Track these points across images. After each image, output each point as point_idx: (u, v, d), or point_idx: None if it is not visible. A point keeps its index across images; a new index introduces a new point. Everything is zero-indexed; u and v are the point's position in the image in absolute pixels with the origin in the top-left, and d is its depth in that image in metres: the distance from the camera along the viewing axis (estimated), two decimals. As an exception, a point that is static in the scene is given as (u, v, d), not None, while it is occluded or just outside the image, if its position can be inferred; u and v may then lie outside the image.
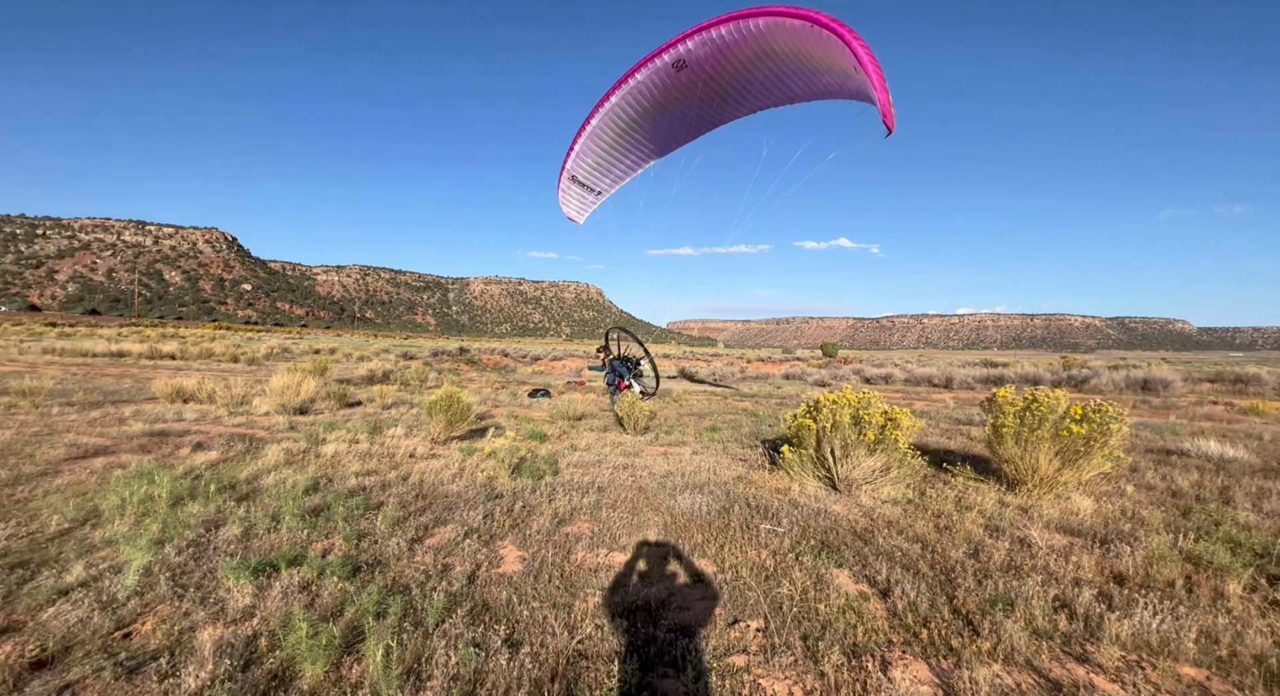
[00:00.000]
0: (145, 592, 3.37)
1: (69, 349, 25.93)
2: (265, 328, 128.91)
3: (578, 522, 4.94)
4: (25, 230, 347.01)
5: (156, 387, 11.97)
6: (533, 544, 4.41)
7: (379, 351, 35.50)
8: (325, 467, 6.48)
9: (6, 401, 10.37)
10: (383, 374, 18.25)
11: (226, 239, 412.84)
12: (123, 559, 3.75)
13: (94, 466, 6.22)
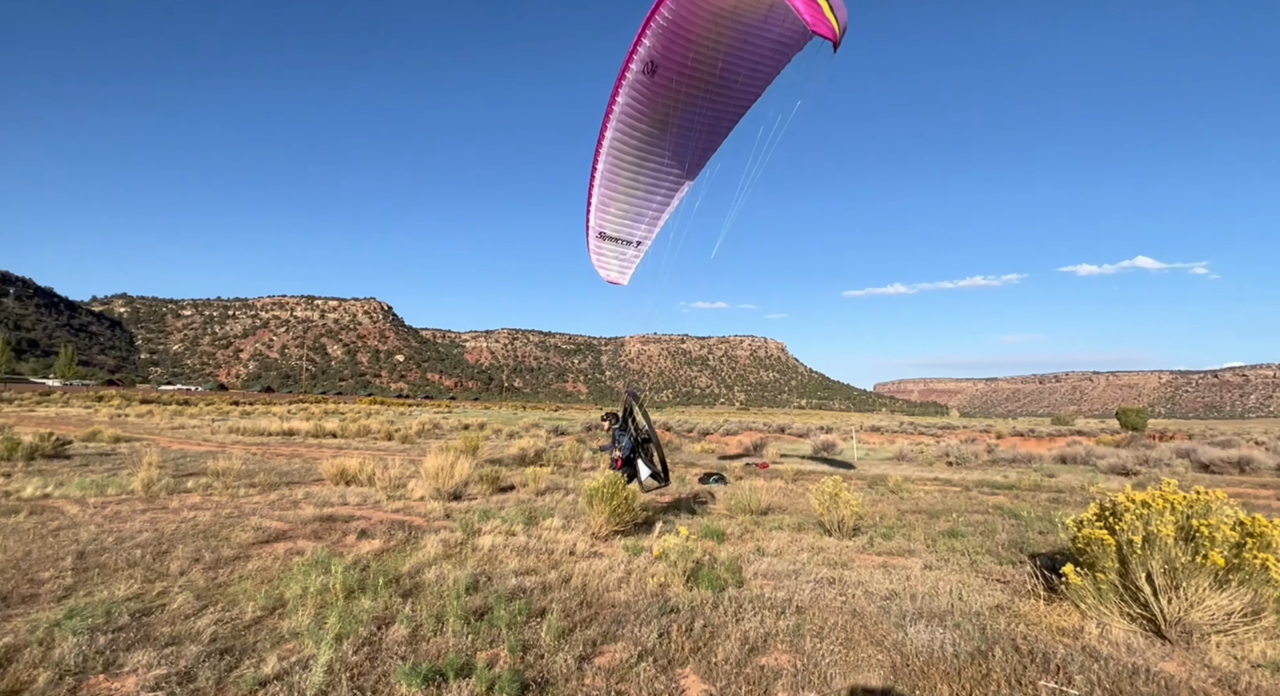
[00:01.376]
0: (329, 692, 4.09)
1: (249, 428, 33.29)
2: (416, 401, 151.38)
3: (774, 652, 4.80)
4: (219, 312, 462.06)
5: (323, 469, 14.71)
6: (720, 676, 4.40)
7: (529, 426, 39.15)
8: (483, 563, 7.28)
9: (205, 482, 13.60)
10: (534, 454, 20.04)
11: (383, 308, 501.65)
12: (307, 653, 4.64)
13: (276, 551, 7.81)
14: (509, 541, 8.28)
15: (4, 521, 9.06)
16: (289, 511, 10.59)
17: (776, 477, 17.22)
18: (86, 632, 4.84)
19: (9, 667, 4.31)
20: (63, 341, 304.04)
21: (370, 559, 7.41)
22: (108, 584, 6.29)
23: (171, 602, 5.72)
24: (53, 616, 5.21)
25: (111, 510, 10.25)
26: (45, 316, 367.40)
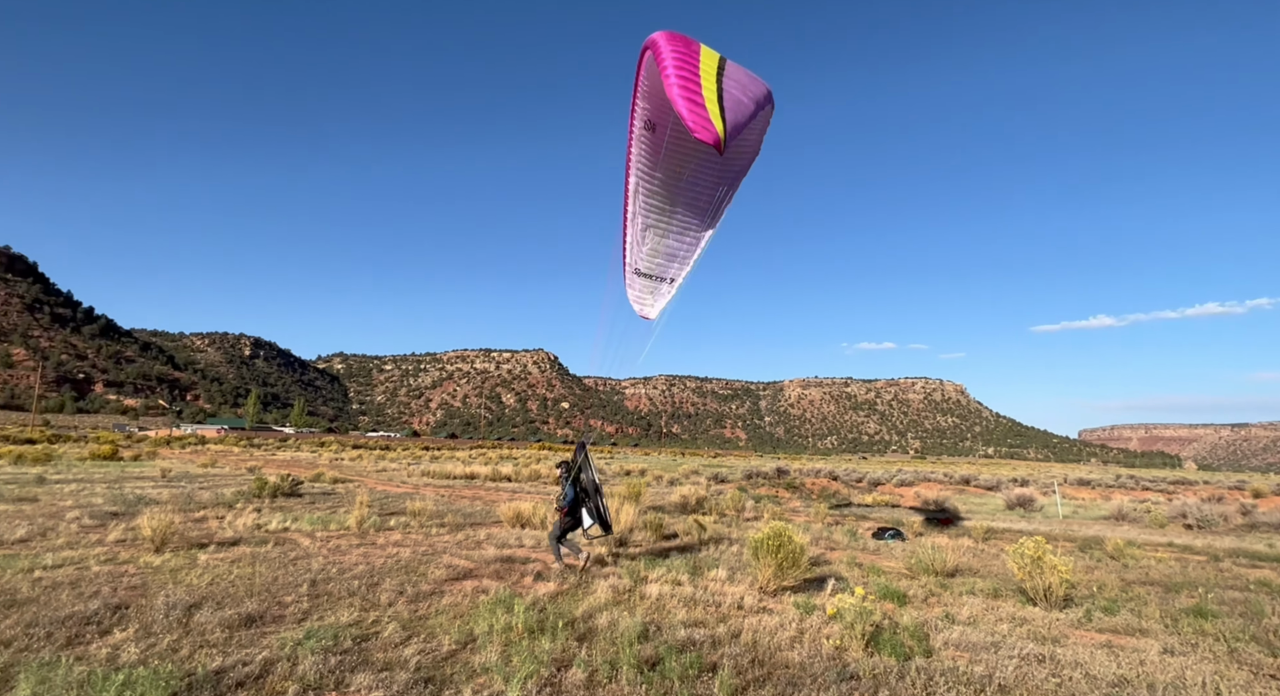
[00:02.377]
0: (515, 728, 4.36)
1: (437, 472, 36.85)
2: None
3: (977, 738, 4.31)
4: (413, 366, 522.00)
5: (501, 512, 15.85)
6: (912, 759, 4.02)
7: (688, 473, 39.24)
8: (652, 612, 7.37)
9: (404, 521, 15.23)
10: (696, 501, 20.03)
11: (549, 358, 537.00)
12: (497, 688, 4.99)
13: (465, 589, 8.51)
14: (675, 591, 8.31)
15: (257, 550, 10.80)
16: (474, 551, 11.52)
17: (963, 535, 15.61)
18: (321, 653, 5.61)
19: (268, 678, 5.12)
20: (296, 394, 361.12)
21: (546, 601, 7.81)
22: (334, 610, 7.24)
23: (383, 631, 6.45)
24: (295, 636, 6.10)
25: (334, 544, 11.82)
26: (284, 373, 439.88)
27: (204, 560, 9.85)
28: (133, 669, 4.86)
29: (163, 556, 10.04)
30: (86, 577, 8.49)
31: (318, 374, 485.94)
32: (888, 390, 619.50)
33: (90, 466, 32.77)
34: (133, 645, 5.78)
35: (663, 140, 8.74)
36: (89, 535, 11.80)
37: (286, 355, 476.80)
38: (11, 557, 9.48)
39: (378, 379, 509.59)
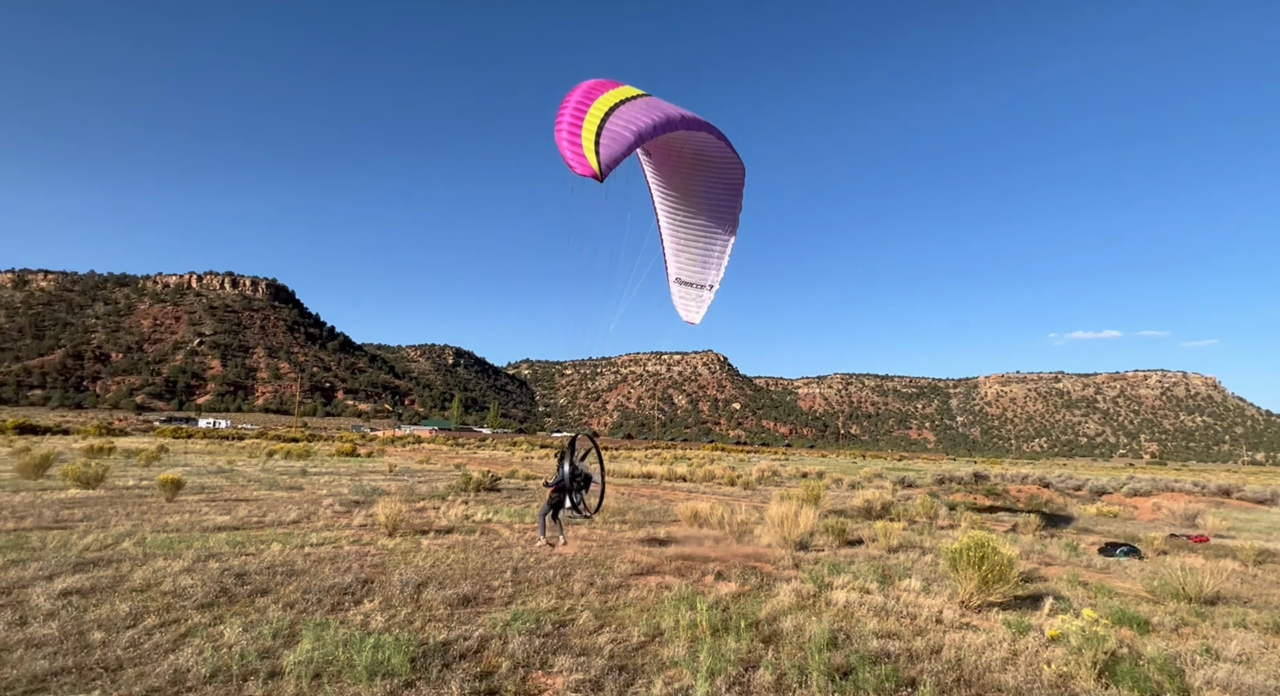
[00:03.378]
0: (706, 723, 4.45)
1: (616, 471, 38.60)
2: (753, 448, 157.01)
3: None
4: (591, 370, 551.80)
5: (678, 511, 16.20)
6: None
7: (870, 476, 37.16)
8: (839, 619, 7.09)
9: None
10: (881, 506, 18.92)
11: (719, 360, 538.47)
12: (685, 682, 5.12)
13: (649, 584, 8.83)
14: (864, 599, 7.92)
15: (467, 538, 12.11)
16: (655, 548, 11.90)
17: (1224, 555, 13.04)
18: (527, 634, 6.16)
19: (484, 652, 5.74)
20: (491, 398, 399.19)
21: (729, 600, 7.85)
22: (534, 596, 7.91)
23: (578, 618, 6.92)
24: (504, 617, 6.76)
25: (530, 535, 12.88)
26: (481, 380, 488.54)
27: (426, 545, 11.25)
28: (380, 634, 5.70)
29: (394, 540, 11.64)
30: (340, 555, 10.10)
31: (508, 379, 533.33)
32: (1111, 385, 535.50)
33: (336, 461, 38.95)
34: (378, 614, 6.78)
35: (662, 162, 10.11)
36: (339, 519, 14.02)
37: (482, 362, 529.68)
38: (289, 535, 11.58)
39: (559, 383, 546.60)
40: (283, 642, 5.78)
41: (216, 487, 19.85)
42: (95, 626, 6.03)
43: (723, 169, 10.45)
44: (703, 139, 9.83)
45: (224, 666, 5.14)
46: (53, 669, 4.98)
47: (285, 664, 5.18)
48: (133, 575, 8.04)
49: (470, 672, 5.20)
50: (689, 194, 10.80)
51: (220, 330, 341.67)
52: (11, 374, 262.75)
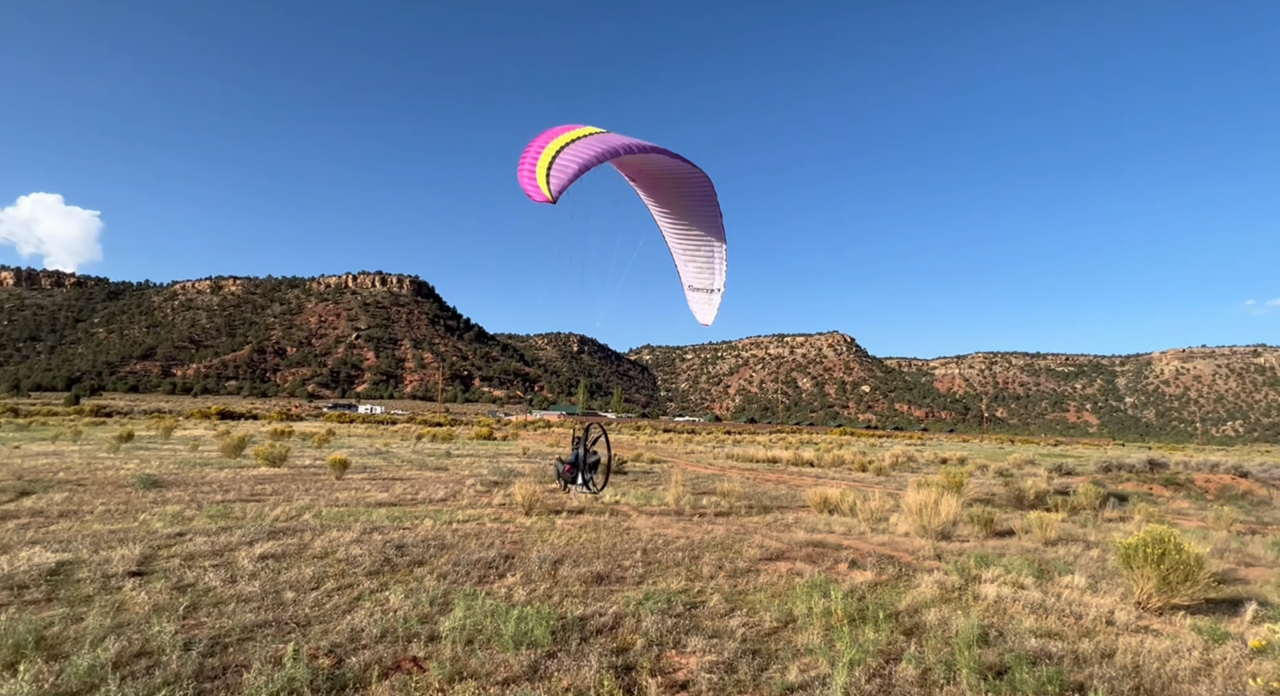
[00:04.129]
0: (845, 714, 4.33)
1: (740, 455, 38.27)
2: (885, 432, 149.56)
3: None
4: (711, 354, 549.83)
5: (807, 497, 15.80)
6: None
7: (1020, 463, 34.21)
8: (989, 615, 6.61)
9: (715, 500, 16.16)
10: (1035, 495, 17.37)
11: (846, 341, 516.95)
12: (822, 670, 5.01)
13: (779, 570, 8.71)
14: (1018, 594, 7.32)
15: (597, 519, 12.57)
16: (783, 534, 11.70)
17: None
18: (659, 614, 6.30)
19: (619, 629, 5.95)
20: (614, 384, 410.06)
21: (865, 590, 7.56)
22: (664, 577, 8.06)
23: (708, 601, 6.97)
24: (636, 596, 6.96)
25: (656, 518, 13.13)
26: (604, 366, 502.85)
27: (559, 524, 11.81)
28: (523, 607, 6.07)
29: (531, 519, 12.32)
30: (484, 531, 10.86)
31: (630, 365, 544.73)
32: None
33: (476, 444, 41.82)
34: (520, 588, 7.22)
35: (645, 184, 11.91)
36: (481, 498, 15.06)
37: (605, 349, 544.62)
38: (438, 512, 12.62)
39: (680, 367, 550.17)
40: (438, 610, 6.32)
41: (375, 467, 22.00)
42: (287, 586, 6.92)
43: (694, 184, 11.85)
44: (663, 161, 11.21)
45: (391, 628, 5.70)
46: (257, 621, 5.78)
47: (442, 629, 5.66)
48: (313, 543, 9.13)
49: (607, 647, 5.40)
50: (679, 210, 12.35)
51: (373, 324, 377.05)
52: (212, 367, 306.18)
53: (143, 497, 13.20)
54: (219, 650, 5.11)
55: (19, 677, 4.21)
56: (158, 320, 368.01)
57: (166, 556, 8.20)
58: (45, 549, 8.21)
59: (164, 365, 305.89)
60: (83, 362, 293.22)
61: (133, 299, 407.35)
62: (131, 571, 7.35)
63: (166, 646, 5.01)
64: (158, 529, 9.94)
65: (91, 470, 17.79)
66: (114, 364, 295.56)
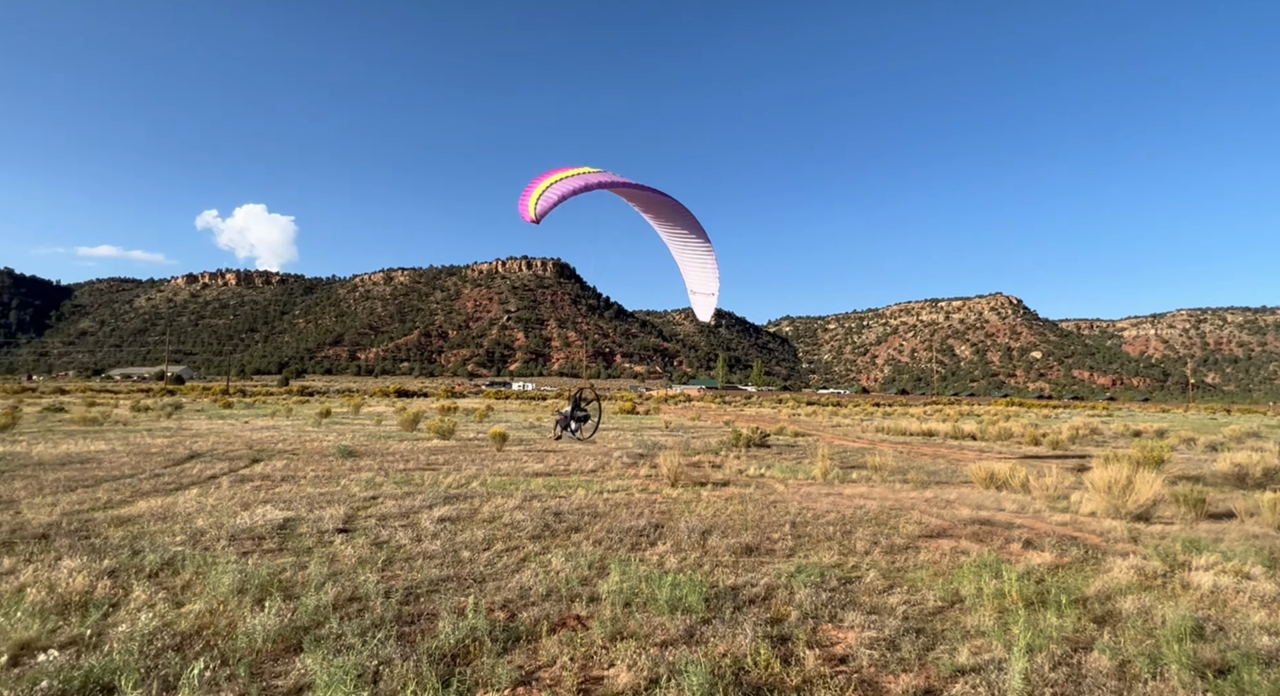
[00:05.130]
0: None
1: (891, 428, 36.28)
2: (1062, 402, 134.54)
3: None
4: (856, 324, 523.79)
5: (970, 471, 14.68)
6: None
7: (1240, 435, 29.38)
8: (1204, 606, 5.79)
9: (865, 474, 15.51)
10: (1262, 472, 14.88)
11: (1011, 303, 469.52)
12: (996, 654, 4.69)
13: (942, 547, 8.20)
14: (1241, 585, 6.33)
15: (743, 491, 12.56)
16: (944, 510, 10.99)
17: None
18: (812, 587, 6.21)
19: (771, 600, 5.95)
20: (754, 357, 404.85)
21: (1044, 572, 6.93)
22: (815, 551, 7.91)
23: (864, 576, 6.75)
24: (787, 569, 6.90)
25: (804, 491, 12.87)
26: (742, 338, 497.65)
27: (705, 496, 11.96)
28: (675, 574, 6.25)
29: (677, 490, 12.59)
30: (632, 502, 11.27)
31: (769, 337, 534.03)
32: None
33: (620, 418, 43.31)
34: (671, 556, 7.43)
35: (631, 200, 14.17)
36: (627, 470, 15.62)
37: (743, 322, 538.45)
38: (589, 482, 13.28)
39: (823, 338, 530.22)
40: (596, 573, 6.68)
41: (530, 440, 23.56)
42: (463, 546, 7.66)
43: (674, 208, 14.09)
44: (643, 192, 13.67)
45: (555, 588, 6.13)
46: (441, 576, 6.47)
47: (601, 591, 5.99)
48: (482, 508, 10.00)
49: (761, 618, 5.42)
50: (673, 228, 14.52)
51: (521, 307, 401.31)
52: (388, 351, 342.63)
53: (342, 465, 15.17)
54: (412, 599, 5.79)
55: (266, 611, 5.05)
56: (343, 310, 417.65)
57: (364, 516, 9.39)
58: (274, 507, 9.73)
59: (350, 349, 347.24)
60: (288, 349, 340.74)
61: (323, 292, 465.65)
62: (339, 528, 8.51)
63: (371, 593, 5.77)
64: (355, 493, 11.39)
65: (301, 442, 20.73)
66: (312, 349, 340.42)
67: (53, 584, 5.75)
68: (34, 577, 6.01)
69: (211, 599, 5.50)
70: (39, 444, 18.65)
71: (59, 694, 3.89)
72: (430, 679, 4.11)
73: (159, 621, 5.01)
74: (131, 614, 5.22)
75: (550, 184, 12.74)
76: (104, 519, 8.86)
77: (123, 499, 10.50)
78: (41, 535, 7.85)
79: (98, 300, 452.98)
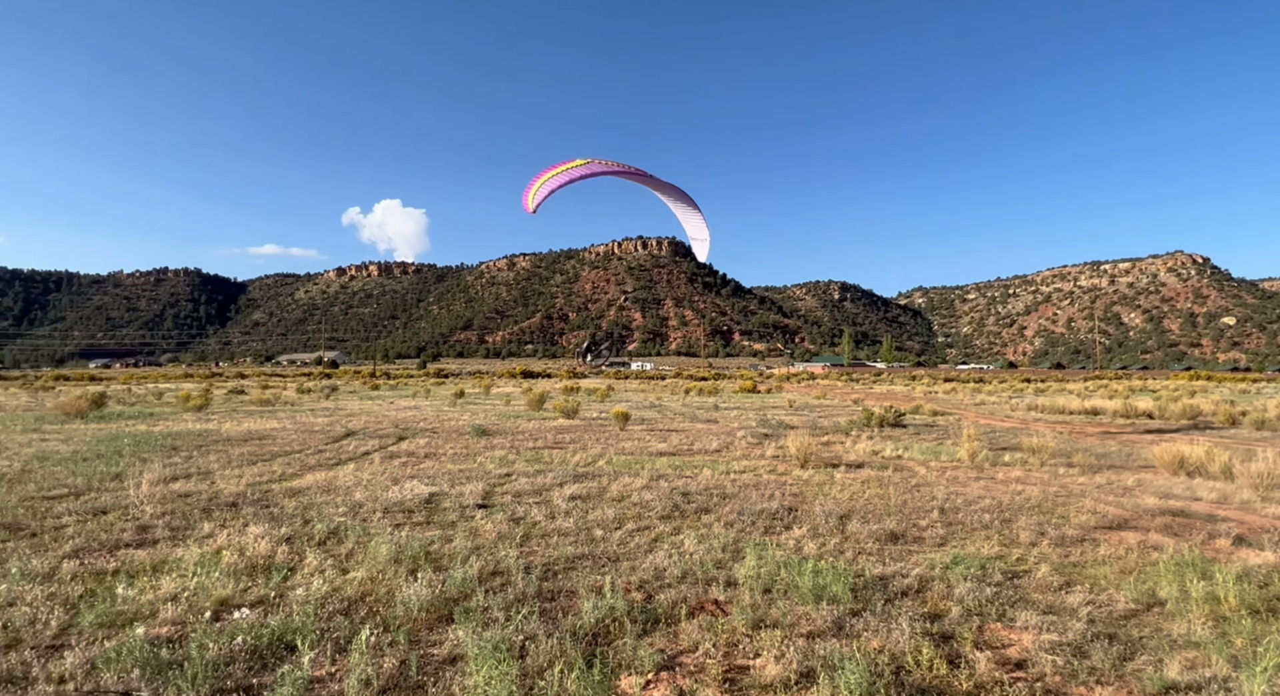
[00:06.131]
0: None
1: (1046, 405, 33.00)
2: (1265, 375, 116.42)
3: None
4: (1000, 292, 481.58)
5: (1153, 454, 12.97)
6: None
7: None
8: None
9: (1020, 456, 14.16)
10: None
11: (1195, 261, 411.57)
12: (1216, 671, 4.02)
13: (1126, 541, 7.27)
14: None
15: (880, 474, 11.89)
16: (1123, 498, 9.79)
17: None
18: (973, 581, 5.70)
19: (926, 593, 5.53)
20: (882, 331, 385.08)
21: (1269, 574, 5.92)
22: (971, 540, 7.28)
23: (1034, 571, 6.10)
24: (941, 559, 6.40)
25: (950, 475, 11.97)
26: (869, 312, 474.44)
27: (839, 478, 11.45)
28: (815, 561, 5.97)
29: (807, 472, 12.15)
30: (761, 483, 11.01)
31: (900, 310, 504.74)
32: None
33: (740, 397, 42.79)
34: (809, 541, 7.14)
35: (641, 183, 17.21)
36: (753, 450, 15.31)
37: (870, 295, 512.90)
38: (714, 463, 13.15)
39: (961, 309, 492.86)
40: (730, 556, 6.54)
41: (652, 419, 23.80)
42: (594, 525, 7.81)
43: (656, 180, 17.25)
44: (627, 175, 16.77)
45: (690, 570, 6.06)
46: (576, 554, 6.61)
47: (738, 575, 5.84)
48: (610, 487, 10.17)
49: (917, 612, 5.04)
50: (666, 193, 17.87)
51: (638, 287, 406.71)
52: (513, 334, 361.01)
53: (477, 443, 16.08)
54: (551, 575, 5.95)
55: (419, 581, 5.38)
56: (471, 296, 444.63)
57: (500, 493, 9.86)
58: (420, 482, 10.45)
59: (479, 333, 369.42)
60: (425, 334, 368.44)
61: (453, 280, 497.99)
62: (479, 504, 8.97)
63: (512, 568, 5.99)
64: (491, 470, 12.00)
65: (440, 421, 22.26)
66: (445, 334, 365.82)
67: (242, 547, 6.49)
68: (227, 541, 6.81)
69: (371, 567, 5.95)
70: (226, 422, 21.40)
71: (251, 649, 4.34)
72: (575, 657, 4.17)
73: (328, 586, 5.48)
74: (306, 578, 5.76)
75: (547, 179, 15.89)
76: (280, 490, 9.93)
77: (293, 472, 11.74)
78: (231, 503, 8.92)
79: (266, 294, 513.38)
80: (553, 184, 15.70)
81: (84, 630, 4.67)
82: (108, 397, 30.21)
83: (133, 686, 3.84)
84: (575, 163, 15.97)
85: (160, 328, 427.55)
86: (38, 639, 4.51)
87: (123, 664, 4.04)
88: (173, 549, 6.70)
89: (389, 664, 4.14)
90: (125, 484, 10.11)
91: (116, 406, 29.35)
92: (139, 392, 43.42)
